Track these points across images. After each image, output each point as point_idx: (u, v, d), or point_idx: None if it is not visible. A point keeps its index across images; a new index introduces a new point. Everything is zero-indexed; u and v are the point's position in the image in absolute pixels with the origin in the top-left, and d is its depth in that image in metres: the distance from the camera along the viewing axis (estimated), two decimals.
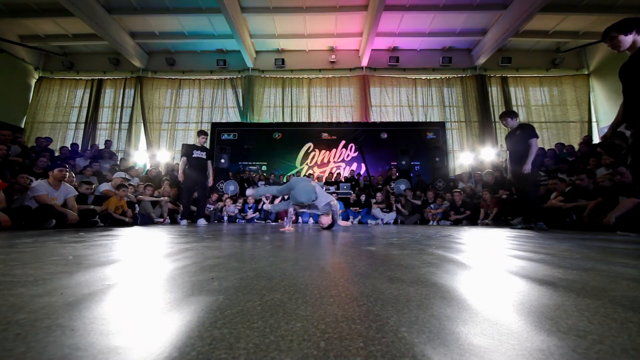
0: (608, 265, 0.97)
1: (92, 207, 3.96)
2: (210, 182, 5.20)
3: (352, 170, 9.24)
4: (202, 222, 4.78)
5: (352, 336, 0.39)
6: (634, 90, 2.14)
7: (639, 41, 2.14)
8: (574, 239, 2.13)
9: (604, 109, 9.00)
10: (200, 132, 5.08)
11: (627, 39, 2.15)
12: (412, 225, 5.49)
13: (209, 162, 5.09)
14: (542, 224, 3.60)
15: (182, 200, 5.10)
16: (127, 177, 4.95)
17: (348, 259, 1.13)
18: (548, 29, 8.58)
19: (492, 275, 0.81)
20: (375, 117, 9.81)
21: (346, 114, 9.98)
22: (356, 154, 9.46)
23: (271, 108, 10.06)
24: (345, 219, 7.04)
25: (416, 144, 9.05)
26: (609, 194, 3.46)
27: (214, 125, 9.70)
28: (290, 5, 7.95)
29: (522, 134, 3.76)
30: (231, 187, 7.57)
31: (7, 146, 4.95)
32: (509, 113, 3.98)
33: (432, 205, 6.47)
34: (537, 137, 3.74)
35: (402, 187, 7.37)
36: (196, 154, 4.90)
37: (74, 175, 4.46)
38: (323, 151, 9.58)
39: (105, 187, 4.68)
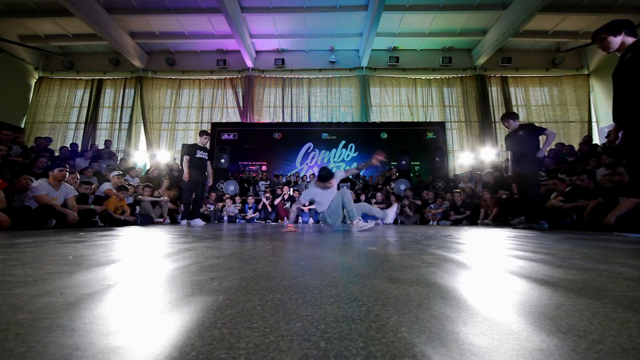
0: (608, 265, 0.97)
1: (92, 207, 3.96)
2: (210, 182, 5.25)
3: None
4: (198, 222, 4.77)
5: (352, 336, 0.39)
6: (623, 90, 2.17)
7: (627, 42, 2.17)
8: (574, 239, 2.13)
9: (604, 109, 9.01)
10: (203, 132, 5.08)
11: (616, 40, 2.19)
12: (412, 225, 5.49)
13: (209, 162, 5.12)
14: (545, 223, 3.59)
15: (182, 200, 5.11)
16: (120, 173, 4.95)
17: (348, 259, 1.13)
18: (548, 29, 8.58)
19: (492, 275, 0.81)
20: (375, 117, 9.81)
21: (346, 114, 9.99)
22: (356, 153, 9.46)
23: (271, 108, 10.07)
24: None
25: (416, 144, 9.05)
26: (609, 194, 3.46)
27: (214, 125, 9.71)
28: (290, 5, 7.95)
29: (525, 134, 3.79)
30: (231, 187, 7.57)
31: (7, 146, 4.95)
32: (511, 114, 4.01)
33: (432, 205, 6.47)
34: (546, 128, 3.83)
35: (402, 187, 7.37)
36: (199, 154, 4.92)
37: (78, 176, 4.45)
38: (323, 151, 9.58)
39: (107, 186, 4.69)
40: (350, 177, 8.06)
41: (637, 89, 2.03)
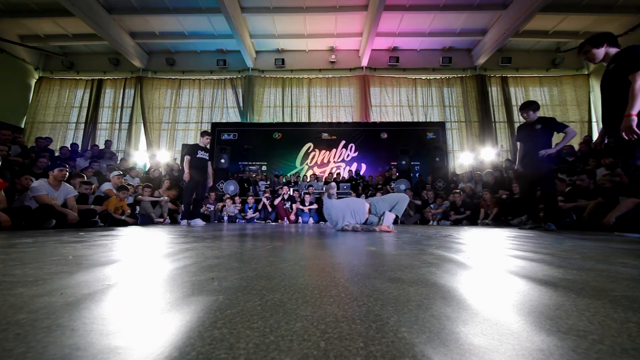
0: (608, 265, 0.97)
1: (92, 207, 3.96)
2: (210, 182, 5.26)
3: (350, 170, 9.27)
4: (198, 222, 4.78)
5: (352, 336, 0.39)
6: (609, 98, 2.36)
7: (611, 52, 2.36)
8: (574, 239, 2.13)
9: None
10: (205, 133, 5.08)
11: (599, 52, 2.39)
12: (412, 225, 5.49)
13: (209, 162, 5.13)
14: (552, 224, 3.40)
15: (183, 200, 5.11)
16: (120, 173, 4.95)
17: (348, 259, 1.13)
18: (548, 29, 8.58)
19: (492, 275, 0.81)
20: (375, 117, 9.82)
21: (346, 114, 9.99)
22: (356, 153, 9.48)
23: (271, 108, 10.07)
24: None
25: (416, 144, 9.06)
26: (609, 194, 3.46)
27: (214, 125, 9.72)
28: (290, 5, 7.96)
29: (543, 129, 3.51)
30: (231, 187, 7.57)
31: (7, 146, 4.95)
32: (531, 104, 3.65)
33: (432, 205, 6.47)
34: (568, 126, 3.53)
35: (402, 187, 7.37)
36: (200, 154, 4.92)
37: (85, 178, 4.45)
38: (323, 151, 9.59)
39: (107, 186, 4.69)
40: (354, 176, 8.07)
41: (620, 97, 2.19)
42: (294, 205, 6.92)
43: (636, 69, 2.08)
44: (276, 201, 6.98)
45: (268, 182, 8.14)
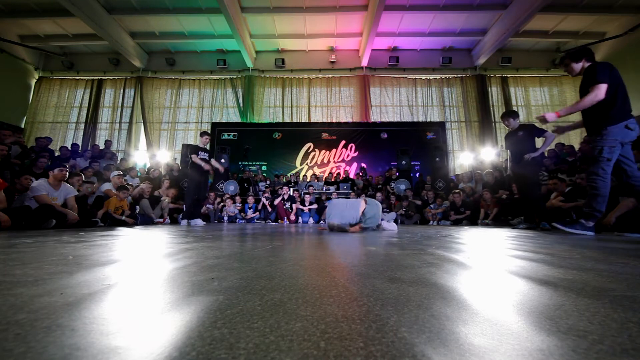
0: (608, 265, 0.97)
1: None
2: (218, 167, 5.24)
3: (346, 170, 9.30)
4: (198, 222, 4.79)
5: (352, 336, 0.39)
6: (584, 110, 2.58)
7: (585, 67, 2.60)
8: (574, 239, 2.13)
9: None
10: (204, 133, 5.13)
11: (577, 66, 2.64)
12: (412, 225, 5.49)
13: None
14: (546, 223, 3.57)
15: (185, 200, 5.14)
16: (120, 173, 4.96)
17: (348, 259, 1.13)
18: (548, 29, 8.59)
19: (492, 275, 0.81)
20: (375, 117, 9.82)
21: (346, 114, 9.99)
22: (356, 153, 9.48)
23: (271, 108, 10.07)
24: None
25: (416, 144, 9.06)
26: (609, 194, 3.45)
27: (214, 125, 9.72)
28: (290, 5, 7.96)
29: (525, 135, 3.75)
30: (231, 187, 7.57)
31: (8, 146, 4.95)
32: (511, 113, 3.95)
33: (432, 205, 6.47)
34: (546, 130, 3.73)
35: (402, 187, 7.36)
36: (201, 155, 4.97)
37: (83, 177, 4.44)
38: (323, 151, 9.59)
39: (107, 187, 4.69)
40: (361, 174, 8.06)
41: (590, 109, 2.47)
42: (294, 205, 6.91)
43: (592, 83, 2.35)
44: (276, 201, 6.98)
45: (268, 183, 8.15)
